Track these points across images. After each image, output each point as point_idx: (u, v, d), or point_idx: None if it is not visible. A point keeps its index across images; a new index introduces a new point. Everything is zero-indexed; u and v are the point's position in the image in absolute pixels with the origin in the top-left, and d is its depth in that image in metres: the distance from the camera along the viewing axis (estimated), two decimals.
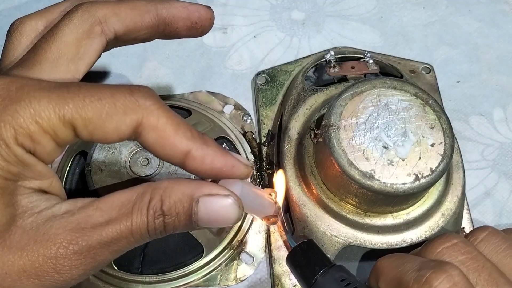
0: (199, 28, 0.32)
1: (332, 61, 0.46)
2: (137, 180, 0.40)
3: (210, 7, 0.32)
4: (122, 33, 0.30)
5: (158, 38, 0.32)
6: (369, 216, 0.37)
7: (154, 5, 0.30)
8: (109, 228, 0.24)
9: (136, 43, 0.31)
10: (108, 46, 0.30)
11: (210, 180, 0.28)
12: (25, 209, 0.24)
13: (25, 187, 0.24)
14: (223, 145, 0.44)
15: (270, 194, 0.35)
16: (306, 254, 0.32)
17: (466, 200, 0.42)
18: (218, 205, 0.26)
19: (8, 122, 0.23)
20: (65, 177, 0.43)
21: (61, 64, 0.27)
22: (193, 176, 0.37)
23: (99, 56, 0.29)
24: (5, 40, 0.30)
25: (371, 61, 0.46)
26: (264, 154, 0.45)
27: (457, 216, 0.39)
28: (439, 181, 0.37)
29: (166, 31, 0.31)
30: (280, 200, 0.36)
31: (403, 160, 0.34)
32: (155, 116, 0.25)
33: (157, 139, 0.25)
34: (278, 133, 0.45)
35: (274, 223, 0.37)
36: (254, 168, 0.44)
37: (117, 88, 0.25)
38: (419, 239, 0.37)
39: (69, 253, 0.24)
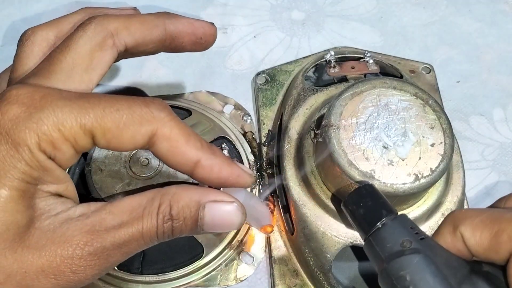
0: (203, 43, 0.34)
1: (332, 61, 0.46)
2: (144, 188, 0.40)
3: (213, 23, 0.34)
4: (131, 46, 0.31)
5: (163, 51, 0.33)
6: None
7: (162, 20, 0.32)
8: (121, 231, 0.26)
9: (143, 55, 0.33)
10: (118, 58, 0.31)
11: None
12: (43, 212, 0.25)
13: (43, 190, 0.26)
14: (222, 145, 0.44)
15: (268, 205, 0.36)
16: (371, 196, 0.31)
17: (466, 200, 0.42)
18: (223, 211, 0.27)
19: (33, 129, 0.24)
20: None
21: (75, 74, 0.28)
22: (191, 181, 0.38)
23: (110, 67, 0.31)
24: (17, 49, 0.31)
25: (371, 61, 0.46)
26: (264, 154, 0.45)
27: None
28: (439, 181, 0.37)
29: (172, 45, 0.33)
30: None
31: (403, 160, 0.34)
32: (168, 127, 0.26)
33: (169, 149, 0.27)
34: (278, 133, 0.45)
35: (270, 232, 0.38)
36: (254, 169, 0.44)
37: (133, 100, 0.26)
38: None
39: (85, 254, 0.25)
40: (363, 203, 0.31)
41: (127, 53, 0.31)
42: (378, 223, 0.29)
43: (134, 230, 0.26)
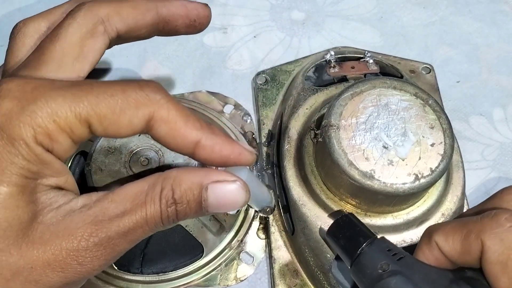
0: (197, 25, 0.33)
1: (332, 61, 0.46)
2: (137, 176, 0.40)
3: (207, 4, 0.33)
4: (124, 31, 0.30)
5: (157, 35, 0.33)
6: (369, 216, 0.37)
7: (154, 4, 0.31)
8: (125, 219, 0.25)
9: (136, 40, 0.32)
10: (110, 44, 0.30)
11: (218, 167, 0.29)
12: (44, 205, 0.25)
13: (43, 184, 0.25)
14: None
15: (268, 187, 0.36)
16: (348, 226, 0.33)
17: (466, 200, 0.42)
18: (226, 190, 0.27)
19: (27, 122, 0.24)
20: None
21: (66, 63, 0.28)
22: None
23: (102, 55, 0.30)
24: (9, 42, 0.31)
25: (371, 61, 0.46)
26: (264, 154, 0.45)
27: (457, 216, 0.39)
28: (439, 181, 0.37)
29: (165, 29, 0.32)
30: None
31: (403, 160, 0.34)
32: (165, 109, 0.26)
33: (168, 131, 0.26)
34: (278, 133, 0.45)
35: (269, 213, 0.39)
36: (255, 169, 0.44)
37: (127, 84, 0.26)
38: (419, 239, 0.37)
39: (90, 245, 0.25)
40: (342, 234, 0.33)
41: (120, 39, 0.31)
42: (357, 251, 0.31)
43: (138, 217, 0.25)
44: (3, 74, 0.30)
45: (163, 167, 0.41)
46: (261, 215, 0.41)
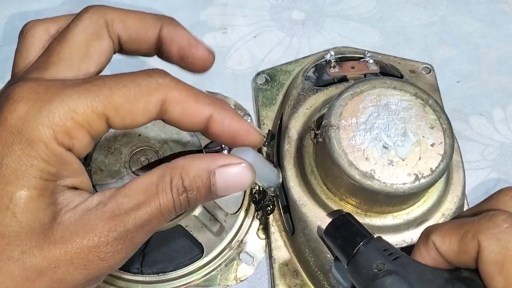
0: (189, 62, 0.32)
1: (332, 61, 0.46)
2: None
3: (212, 52, 0.32)
4: (124, 40, 0.31)
5: (158, 56, 0.33)
6: (369, 216, 0.37)
7: (159, 22, 0.31)
8: (141, 211, 0.26)
9: (138, 55, 0.32)
10: (114, 50, 0.31)
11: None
12: (62, 206, 0.26)
13: (61, 185, 0.26)
14: (222, 145, 0.44)
15: (275, 166, 0.38)
16: (345, 226, 0.33)
17: (466, 200, 0.42)
18: (233, 173, 0.28)
19: (45, 123, 0.24)
20: None
21: (73, 63, 0.28)
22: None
23: (109, 59, 0.30)
24: (18, 42, 0.31)
25: (371, 61, 0.46)
26: (264, 154, 0.45)
27: (455, 217, 0.39)
28: (439, 181, 0.37)
29: (160, 51, 0.32)
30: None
31: (403, 160, 0.34)
32: (176, 90, 0.27)
33: (182, 112, 0.27)
34: (278, 133, 0.45)
35: (275, 192, 0.41)
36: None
37: (135, 74, 0.27)
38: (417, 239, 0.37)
39: (110, 240, 0.25)
40: (339, 234, 0.33)
41: (122, 49, 0.31)
42: (354, 251, 0.31)
43: (153, 208, 0.26)
44: (13, 76, 0.30)
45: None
46: (270, 194, 0.42)
